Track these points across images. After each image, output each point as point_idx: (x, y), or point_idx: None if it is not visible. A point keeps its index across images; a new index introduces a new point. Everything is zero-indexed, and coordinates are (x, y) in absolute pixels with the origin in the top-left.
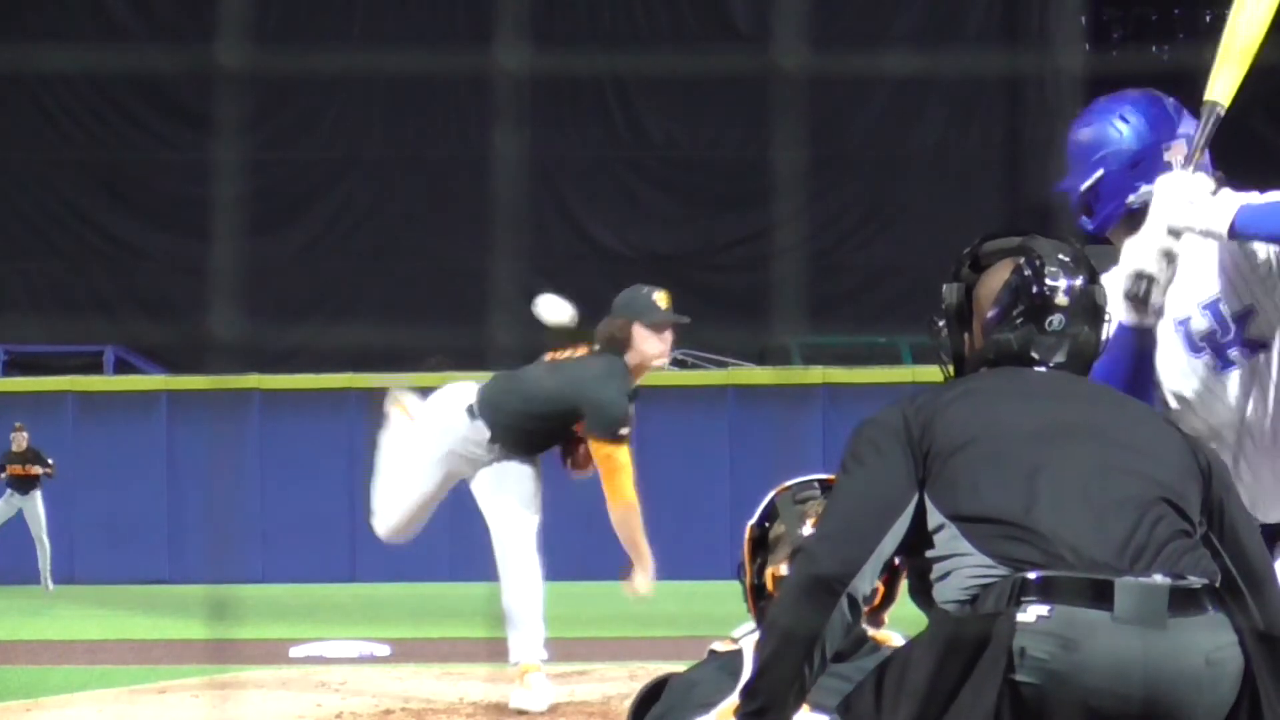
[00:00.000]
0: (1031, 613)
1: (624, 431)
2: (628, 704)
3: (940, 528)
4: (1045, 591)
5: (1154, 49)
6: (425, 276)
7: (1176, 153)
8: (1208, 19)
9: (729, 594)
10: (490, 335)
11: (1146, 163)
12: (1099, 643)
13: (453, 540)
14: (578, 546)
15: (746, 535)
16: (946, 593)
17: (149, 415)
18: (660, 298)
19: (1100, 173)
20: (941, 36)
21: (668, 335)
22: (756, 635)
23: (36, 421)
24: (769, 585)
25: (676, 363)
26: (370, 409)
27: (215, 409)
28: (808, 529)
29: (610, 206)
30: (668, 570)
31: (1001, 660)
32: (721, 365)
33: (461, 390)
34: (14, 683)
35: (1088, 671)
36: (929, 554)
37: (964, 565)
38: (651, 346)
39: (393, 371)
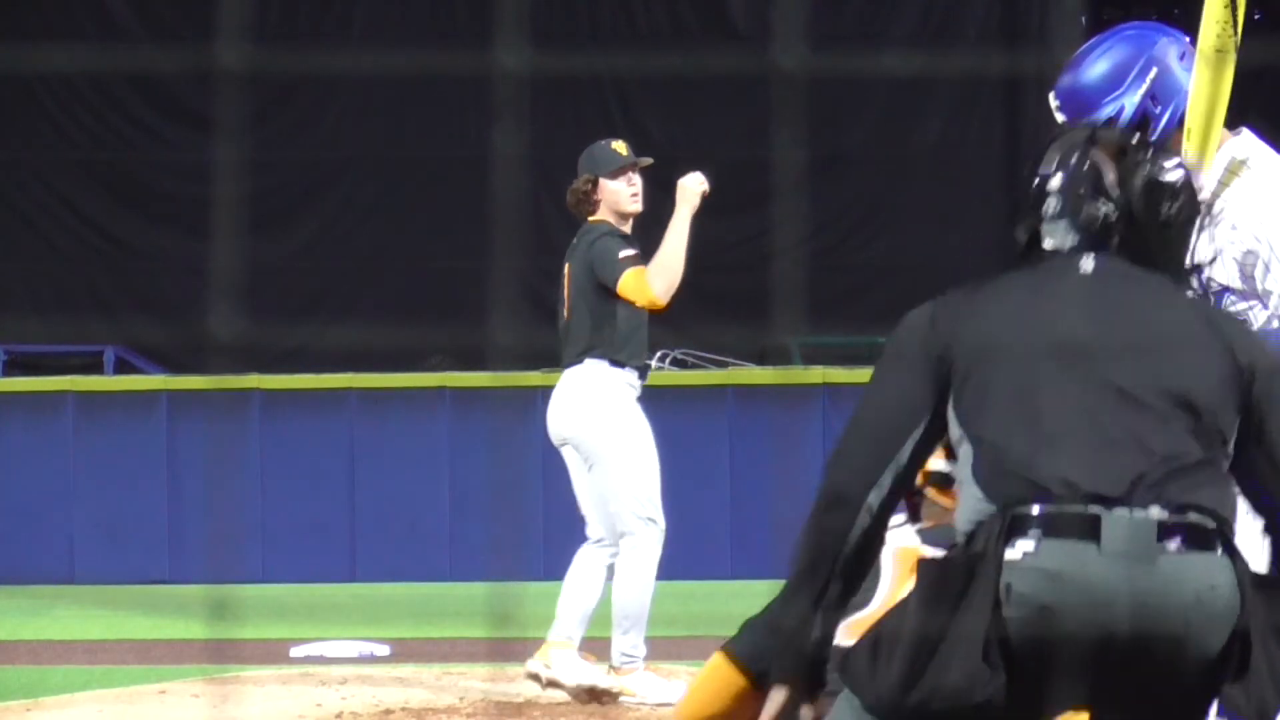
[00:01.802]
0: (1019, 549)
1: (626, 254)
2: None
3: (960, 440)
4: (1033, 527)
5: None
6: (425, 276)
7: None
8: None
9: (729, 594)
10: (490, 335)
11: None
12: (1085, 577)
13: (453, 540)
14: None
15: None
16: (957, 521)
17: (149, 415)
18: (618, 145)
19: (1154, 71)
20: (941, 36)
21: (633, 177)
22: (905, 528)
23: (36, 421)
24: (919, 479)
25: (676, 363)
26: None
27: (215, 409)
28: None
29: None
30: (668, 570)
31: (989, 599)
32: (721, 365)
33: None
34: (14, 683)
35: (1074, 606)
36: (952, 469)
37: (967, 497)
38: (620, 192)
39: (393, 371)
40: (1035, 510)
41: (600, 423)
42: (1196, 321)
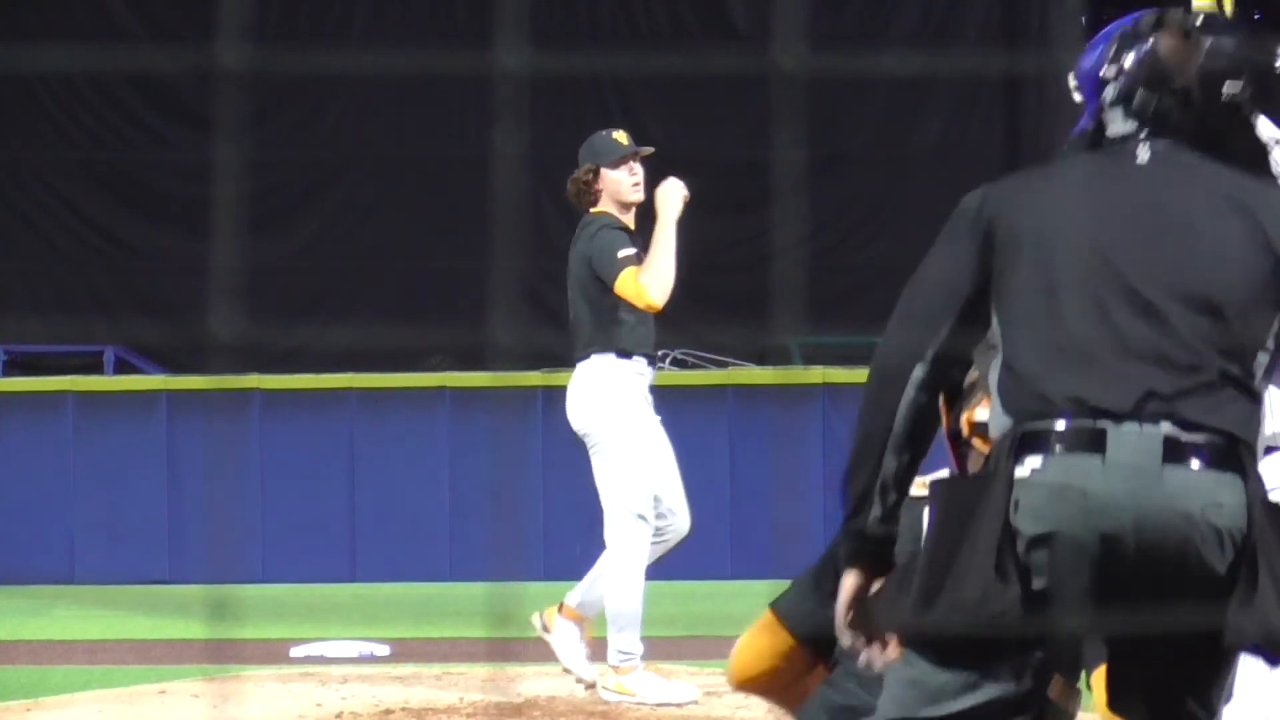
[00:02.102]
0: (1028, 465)
1: (624, 254)
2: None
3: (993, 344)
4: (1042, 443)
5: None
6: (426, 276)
7: None
8: None
9: (730, 594)
10: (490, 335)
11: None
12: (1090, 491)
13: (453, 540)
14: (577, 547)
15: None
16: (990, 433)
17: (149, 415)
18: (619, 135)
19: None
20: (941, 36)
21: (634, 167)
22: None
23: (36, 421)
24: (964, 430)
25: (676, 363)
26: None
27: (215, 409)
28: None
29: None
30: (668, 570)
31: (1000, 515)
32: (721, 365)
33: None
34: (14, 683)
35: (1079, 520)
36: (989, 376)
37: (993, 409)
38: (621, 181)
39: (393, 371)
40: (1045, 426)
41: (603, 416)
42: (1242, 218)
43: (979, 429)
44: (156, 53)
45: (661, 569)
